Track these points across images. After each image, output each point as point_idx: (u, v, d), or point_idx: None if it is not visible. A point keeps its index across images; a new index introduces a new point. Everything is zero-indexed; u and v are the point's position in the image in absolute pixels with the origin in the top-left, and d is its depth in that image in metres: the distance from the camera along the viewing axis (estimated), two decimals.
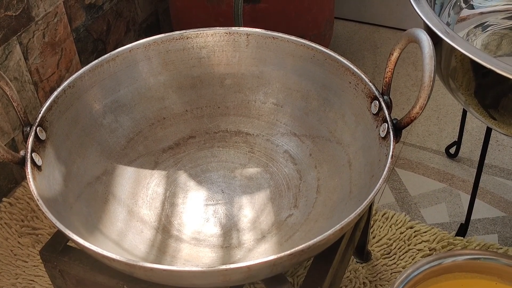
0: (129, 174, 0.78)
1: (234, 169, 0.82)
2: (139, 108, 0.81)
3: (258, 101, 0.84)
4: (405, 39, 0.66)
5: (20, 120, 0.68)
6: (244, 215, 0.76)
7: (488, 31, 0.93)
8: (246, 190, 0.79)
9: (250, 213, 0.77)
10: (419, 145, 1.21)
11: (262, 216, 0.76)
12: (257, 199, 0.78)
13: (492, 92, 0.76)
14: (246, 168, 0.82)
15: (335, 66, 0.76)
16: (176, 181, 0.80)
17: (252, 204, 0.78)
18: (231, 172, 0.81)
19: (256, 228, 0.75)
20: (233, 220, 0.76)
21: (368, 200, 0.60)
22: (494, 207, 1.08)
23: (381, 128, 0.68)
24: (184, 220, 0.76)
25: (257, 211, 0.77)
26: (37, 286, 0.96)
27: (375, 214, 1.04)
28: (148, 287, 0.66)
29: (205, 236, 0.74)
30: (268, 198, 0.78)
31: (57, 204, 0.65)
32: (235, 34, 0.81)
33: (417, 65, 1.41)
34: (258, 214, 0.76)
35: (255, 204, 0.78)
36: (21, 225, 1.04)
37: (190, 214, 0.77)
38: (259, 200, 0.78)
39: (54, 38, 1.13)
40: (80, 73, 0.75)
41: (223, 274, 0.55)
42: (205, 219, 0.76)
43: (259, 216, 0.76)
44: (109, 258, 0.56)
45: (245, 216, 0.76)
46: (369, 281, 0.94)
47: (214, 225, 0.76)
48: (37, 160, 0.66)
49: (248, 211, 0.77)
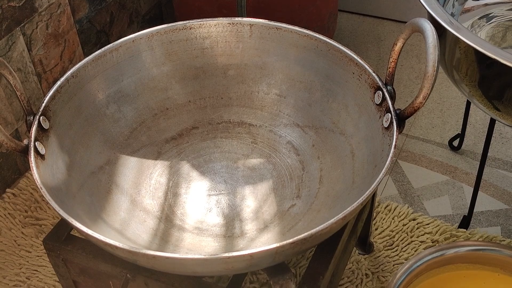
0: (132, 164, 0.79)
1: (237, 160, 0.82)
2: (142, 98, 0.81)
3: (261, 92, 0.84)
4: (409, 28, 0.66)
5: (23, 109, 0.68)
6: (247, 205, 0.76)
7: (493, 22, 0.92)
8: (248, 181, 0.79)
9: (253, 203, 0.77)
10: (423, 138, 1.21)
11: (264, 206, 0.76)
12: (260, 189, 0.78)
13: (497, 83, 0.76)
14: (249, 159, 0.82)
15: (338, 56, 0.76)
16: (179, 171, 0.80)
17: (254, 195, 0.78)
18: (234, 162, 0.81)
19: (258, 218, 0.75)
20: (236, 210, 0.76)
21: (370, 189, 0.60)
22: (497, 199, 1.08)
23: (384, 118, 0.68)
24: (187, 210, 0.76)
25: (259, 201, 0.77)
26: (41, 276, 0.97)
27: (378, 206, 1.04)
28: (151, 275, 0.66)
29: (208, 225, 0.74)
30: (271, 189, 0.78)
31: (60, 193, 0.65)
32: (238, 25, 0.81)
33: (421, 57, 1.41)
34: (260, 204, 0.76)
35: (257, 194, 0.78)
36: (25, 216, 1.05)
37: (192, 204, 0.77)
38: (261, 191, 0.78)
39: (58, 29, 1.13)
40: (84, 63, 0.75)
41: (226, 262, 0.55)
42: (207, 209, 0.76)
43: (262, 206, 0.76)
44: (112, 246, 0.56)
45: (247, 206, 0.76)
46: (372, 273, 0.94)
47: (217, 215, 0.76)
48: (41, 149, 0.66)
49: (250, 201, 0.77)
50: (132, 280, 0.68)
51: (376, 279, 0.94)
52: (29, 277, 0.96)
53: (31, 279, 0.96)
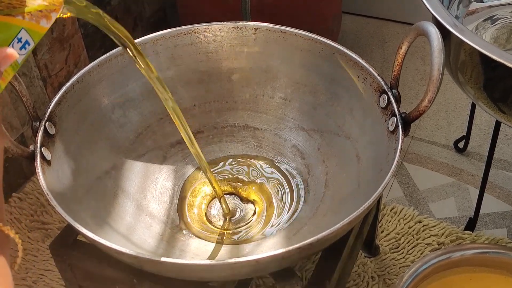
0: (138, 169, 0.79)
1: (242, 164, 0.82)
2: (148, 103, 0.82)
3: (266, 95, 0.84)
4: (414, 32, 0.66)
5: (29, 114, 0.69)
6: (252, 209, 0.77)
7: (497, 24, 0.92)
8: (254, 185, 0.79)
9: (258, 207, 0.77)
10: (428, 140, 1.20)
11: (270, 210, 0.76)
12: (265, 193, 0.78)
13: (502, 85, 0.76)
14: (254, 163, 0.82)
15: (343, 59, 0.76)
16: (184, 176, 0.80)
17: (260, 198, 0.78)
18: (239, 166, 0.81)
19: (264, 222, 0.75)
20: (241, 214, 0.76)
21: (376, 194, 0.59)
22: (503, 201, 1.07)
23: (389, 122, 0.68)
24: (193, 214, 0.76)
25: (265, 205, 0.77)
26: (47, 280, 0.97)
27: (384, 208, 1.03)
28: (157, 281, 0.66)
29: (213, 230, 0.74)
30: (276, 192, 0.78)
31: (66, 198, 0.65)
32: (242, 29, 0.81)
33: (425, 59, 1.41)
34: (266, 208, 0.76)
35: (263, 198, 0.78)
36: (31, 220, 1.05)
37: (198, 208, 0.77)
38: (267, 194, 0.78)
39: (62, 34, 1.13)
40: (89, 68, 0.75)
41: (232, 268, 0.55)
42: (213, 213, 0.77)
43: (267, 210, 0.76)
44: (118, 252, 0.56)
45: (253, 210, 0.76)
46: (378, 276, 0.94)
47: (223, 219, 0.76)
48: (47, 155, 0.66)
49: (256, 205, 0.77)
50: (138, 286, 0.68)
51: (382, 282, 0.93)
52: (35, 282, 0.97)
53: (38, 283, 0.96)
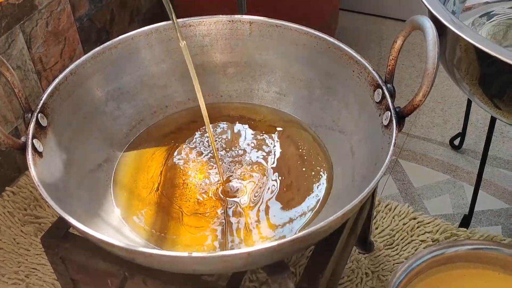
0: (131, 162, 0.78)
1: (236, 156, 0.81)
2: (142, 96, 0.81)
3: (261, 89, 0.84)
4: (409, 26, 0.66)
5: (21, 106, 0.68)
6: (246, 201, 0.76)
7: (494, 20, 0.92)
8: (247, 176, 0.79)
9: (252, 199, 0.76)
10: (423, 137, 1.20)
11: (263, 203, 0.76)
12: (259, 185, 0.78)
13: (497, 81, 0.76)
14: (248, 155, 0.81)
15: (338, 54, 0.75)
16: (176, 165, 0.80)
17: (253, 190, 0.77)
18: (232, 158, 0.81)
19: (257, 214, 0.74)
20: (235, 205, 0.76)
21: (369, 187, 0.59)
22: (498, 198, 1.07)
23: (384, 116, 0.68)
24: (185, 205, 0.76)
25: (258, 198, 0.76)
26: (40, 274, 0.96)
27: (378, 205, 1.03)
28: (150, 274, 0.66)
29: (206, 221, 0.74)
30: (270, 185, 0.77)
31: (58, 191, 0.65)
32: (238, 22, 0.81)
33: (422, 56, 1.40)
34: (259, 200, 0.76)
35: (256, 190, 0.77)
36: (24, 214, 1.05)
37: (191, 199, 0.77)
38: (260, 187, 0.78)
39: (58, 27, 1.13)
40: (82, 60, 0.75)
41: (224, 260, 0.55)
42: (206, 204, 0.76)
43: (261, 202, 0.76)
44: (109, 244, 0.56)
45: (246, 202, 0.76)
46: (371, 272, 0.94)
47: (215, 210, 0.75)
48: (38, 146, 0.65)
49: (249, 197, 0.77)
50: (130, 279, 0.68)
51: (376, 278, 0.93)
52: (28, 275, 0.96)
53: (30, 277, 0.96)
